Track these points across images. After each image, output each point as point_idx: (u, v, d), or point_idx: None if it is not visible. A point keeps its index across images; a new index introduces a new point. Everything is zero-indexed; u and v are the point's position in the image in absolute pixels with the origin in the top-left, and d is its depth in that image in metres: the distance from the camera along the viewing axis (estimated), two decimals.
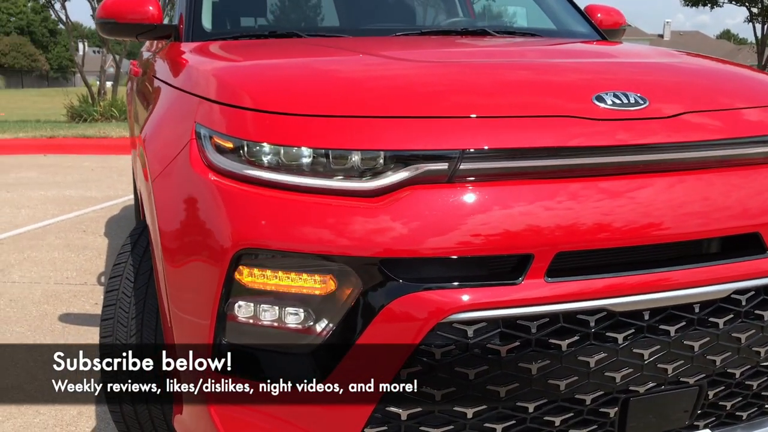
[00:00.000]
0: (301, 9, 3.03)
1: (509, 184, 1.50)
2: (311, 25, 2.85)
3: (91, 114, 14.27)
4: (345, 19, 2.93)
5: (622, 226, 1.50)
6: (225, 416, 1.58)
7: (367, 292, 1.45)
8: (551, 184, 1.51)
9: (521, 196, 1.49)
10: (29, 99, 32.69)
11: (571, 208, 1.49)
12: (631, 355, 1.54)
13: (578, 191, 1.51)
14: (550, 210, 1.48)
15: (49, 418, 2.51)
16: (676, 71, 1.95)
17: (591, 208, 1.50)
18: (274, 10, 2.91)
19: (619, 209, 1.51)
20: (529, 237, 1.46)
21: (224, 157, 1.59)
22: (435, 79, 1.69)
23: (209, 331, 1.55)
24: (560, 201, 1.50)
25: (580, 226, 1.48)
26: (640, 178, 1.56)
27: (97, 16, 2.60)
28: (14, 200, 6.58)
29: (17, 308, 3.66)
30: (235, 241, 1.50)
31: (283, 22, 2.84)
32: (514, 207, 1.48)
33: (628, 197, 1.53)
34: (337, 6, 2.91)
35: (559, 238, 1.47)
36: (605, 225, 1.49)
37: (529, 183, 1.51)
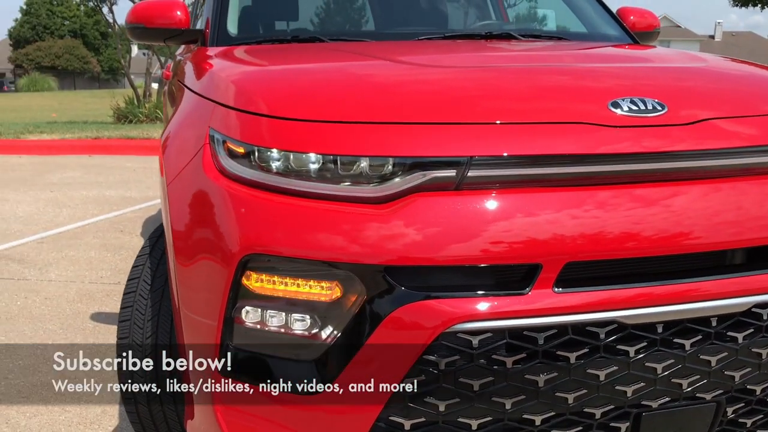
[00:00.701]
0: (326, 13, 3.03)
1: (518, 192, 1.47)
2: (334, 30, 2.85)
3: (136, 115, 14.55)
4: (372, 22, 2.92)
5: (634, 235, 1.46)
6: (230, 420, 1.58)
7: (371, 299, 1.44)
8: (561, 193, 1.48)
9: (531, 204, 1.46)
10: (80, 100, 33.51)
11: (581, 217, 1.45)
12: (643, 368, 1.49)
13: (590, 200, 1.48)
14: (560, 219, 1.45)
15: (74, 416, 2.55)
16: (699, 76, 1.90)
17: (602, 218, 1.46)
18: (299, 14, 2.92)
19: (631, 219, 1.46)
20: (537, 246, 1.43)
21: (236, 162, 1.60)
22: (445, 85, 1.67)
23: (216, 334, 1.56)
24: (570, 210, 1.46)
25: (591, 236, 1.44)
26: (655, 186, 1.52)
27: (127, 21, 2.64)
28: (57, 199, 6.75)
29: (52, 306, 3.74)
30: (242, 246, 1.50)
31: (307, 27, 2.84)
32: (523, 215, 1.45)
33: (641, 206, 1.48)
34: (365, 10, 2.90)
35: (568, 247, 1.44)
36: (617, 235, 1.45)
37: (538, 191, 1.48)
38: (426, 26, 2.93)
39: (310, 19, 2.93)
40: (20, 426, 2.48)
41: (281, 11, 2.91)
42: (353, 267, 1.44)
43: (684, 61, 2.09)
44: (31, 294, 3.94)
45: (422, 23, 2.98)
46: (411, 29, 2.74)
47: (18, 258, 4.68)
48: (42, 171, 8.66)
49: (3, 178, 8.15)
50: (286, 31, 2.80)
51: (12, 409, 2.60)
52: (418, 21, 3.00)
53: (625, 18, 3.05)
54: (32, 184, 7.63)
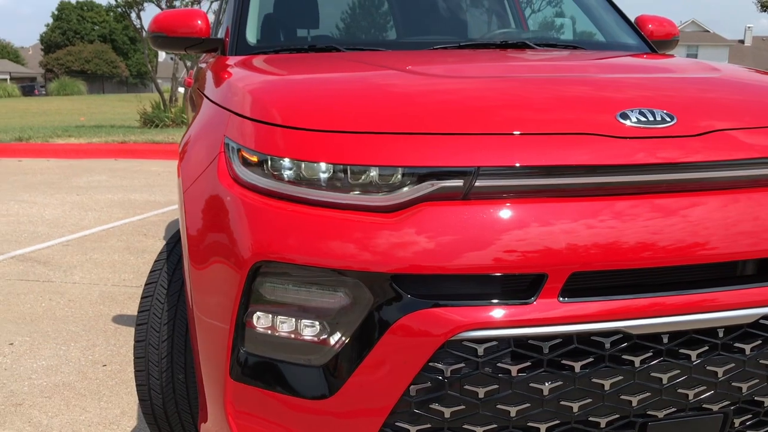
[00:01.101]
0: (343, 23, 3.07)
1: (525, 202, 1.49)
2: (350, 39, 2.88)
3: (162, 120, 14.75)
4: (389, 31, 2.95)
5: (640, 246, 1.47)
6: (241, 423, 1.61)
7: (378, 306, 1.47)
8: (567, 203, 1.49)
9: (537, 214, 1.48)
10: (109, 104, 34.00)
11: (587, 228, 1.47)
12: (648, 378, 1.50)
13: (595, 211, 1.49)
14: (566, 229, 1.46)
15: (94, 416, 2.61)
16: (711, 87, 1.89)
17: (608, 229, 1.47)
18: (317, 24, 2.96)
19: (637, 230, 1.47)
20: (543, 256, 1.45)
21: (249, 171, 1.64)
22: (454, 95, 1.69)
23: (228, 338, 1.59)
24: (576, 220, 1.47)
25: (596, 247, 1.45)
26: (662, 198, 1.53)
27: (149, 29, 2.70)
28: (83, 203, 6.87)
29: (75, 308, 3.82)
30: (254, 253, 1.54)
31: (324, 36, 2.88)
32: (529, 225, 1.47)
33: (647, 218, 1.49)
34: (382, 19, 2.94)
35: (574, 258, 1.45)
36: (622, 245, 1.46)
37: (545, 202, 1.49)
38: (444, 35, 2.95)
39: (327, 29, 2.97)
40: (42, 425, 2.54)
41: (299, 21, 2.95)
42: (361, 275, 1.47)
43: (697, 71, 2.09)
44: (56, 296, 4.02)
45: (440, 32, 3.00)
46: (427, 38, 2.76)
47: (44, 260, 4.78)
48: (69, 174, 8.82)
49: (31, 181, 8.31)
50: (303, 40, 2.84)
51: (35, 409, 2.66)
52: (435, 30, 3.02)
53: (644, 26, 3.05)
54: (59, 188, 7.77)
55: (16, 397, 2.77)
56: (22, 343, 3.32)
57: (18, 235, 5.53)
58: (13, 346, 3.30)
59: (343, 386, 1.50)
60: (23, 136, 12.13)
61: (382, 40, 2.88)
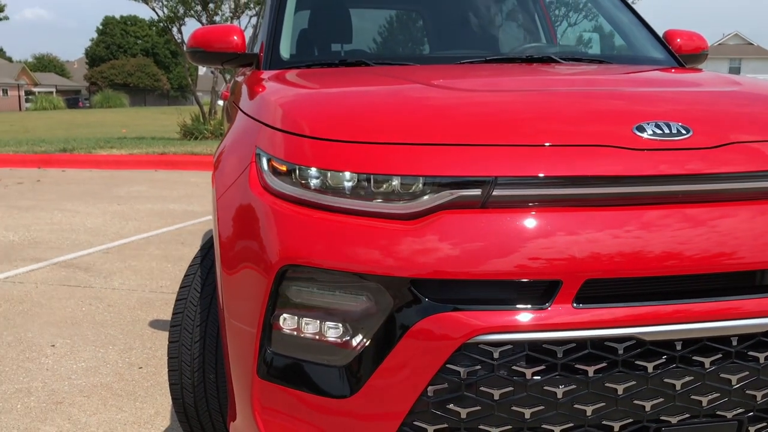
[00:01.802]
0: (372, 38, 3.16)
1: (541, 211, 1.54)
2: (379, 54, 2.96)
3: (201, 132, 15.03)
4: (419, 45, 3.03)
5: (653, 255, 1.51)
6: (267, 420, 1.69)
7: (399, 310, 1.53)
8: (582, 212, 1.54)
9: (552, 223, 1.53)
10: (150, 116, 34.74)
11: (601, 236, 1.51)
12: (662, 384, 1.54)
13: (609, 220, 1.53)
14: (580, 237, 1.51)
15: (130, 415, 2.71)
16: (729, 100, 1.93)
17: (620, 238, 1.51)
18: (348, 39, 3.05)
19: (649, 239, 1.51)
20: (557, 263, 1.50)
21: (279, 179, 1.72)
22: (474, 108, 1.75)
23: (255, 339, 1.67)
24: (590, 229, 1.52)
25: (610, 255, 1.50)
26: (675, 208, 1.57)
27: (188, 45, 2.82)
28: (124, 212, 7.06)
29: (113, 313, 3.95)
30: (281, 257, 1.62)
31: (354, 51, 2.97)
32: (545, 234, 1.52)
33: (659, 228, 1.53)
34: (410, 34, 3.01)
35: (587, 265, 1.49)
36: (635, 254, 1.50)
37: (560, 210, 1.54)
38: (473, 49, 3.01)
39: (357, 44, 3.06)
40: (81, 422, 2.65)
41: (331, 36, 3.04)
42: (382, 279, 1.53)
43: (717, 85, 2.12)
44: (96, 301, 4.16)
45: (469, 46, 3.06)
46: (454, 53, 2.83)
47: (85, 267, 4.95)
48: (111, 185, 9.07)
49: (75, 191, 8.57)
50: (333, 55, 2.93)
51: (74, 407, 2.78)
52: (465, 44, 3.09)
53: (672, 41, 3.07)
54: (101, 198, 8.00)
55: (57, 395, 2.89)
56: (63, 345, 3.45)
57: (61, 242, 5.72)
58: (55, 347, 3.43)
59: (364, 386, 1.56)
60: (67, 147, 12.50)
61: (409, 54, 2.96)
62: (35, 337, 3.56)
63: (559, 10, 3.77)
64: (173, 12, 15.01)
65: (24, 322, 3.79)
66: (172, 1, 14.81)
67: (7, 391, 2.93)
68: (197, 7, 14.88)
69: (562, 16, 3.69)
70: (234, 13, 15.46)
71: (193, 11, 14.99)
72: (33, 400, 2.84)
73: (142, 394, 2.89)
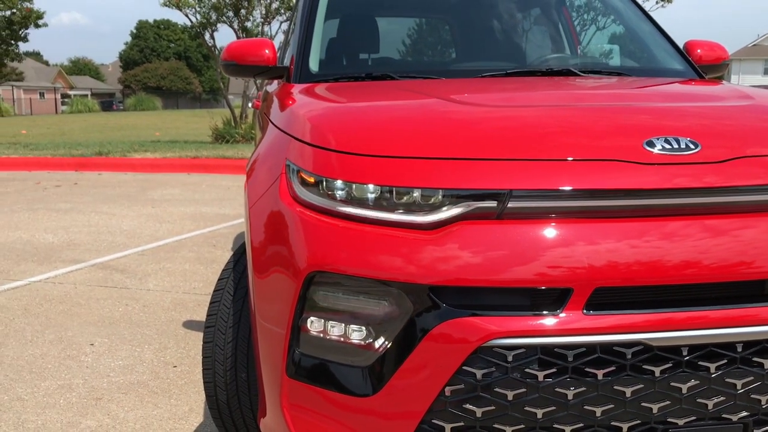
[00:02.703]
0: (397, 52, 3.26)
1: (553, 222, 1.63)
2: (404, 68, 3.06)
3: (233, 136, 15.28)
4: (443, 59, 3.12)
5: (660, 265, 1.59)
6: (295, 416, 1.80)
7: (419, 314, 1.63)
8: (593, 224, 1.63)
9: (564, 234, 1.62)
10: (182, 119, 35.28)
11: (610, 246, 1.60)
12: (668, 388, 1.61)
13: (618, 231, 1.62)
14: (591, 248, 1.60)
15: (165, 411, 2.84)
16: (739, 115, 1.99)
17: (629, 248, 1.59)
18: (375, 53, 3.16)
19: (657, 250, 1.59)
20: (569, 272, 1.58)
21: (307, 190, 1.83)
22: (490, 123, 1.85)
23: (285, 340, 1.78)
24: (601, 239, 1.61)
25: (619, 264, 1.58)
26: (683, 220, 1.64)
27: (222, 58, 2.95)
28: (158, 215, 7.26)
29: (148, 313, 4.11)
30: (309, 264, 1.73)
31: (381, 65, 3.07)
32: (557, 244, 1.61)
33: (667, 239, 1.61)
34: (434, 48, 3.11)
35: (598, 274, 1.58)
36: (643, 264, 1.58)
37: (572, 222, 1.63)
38: (495, 59, 3.10)
39: (384, 54, 3.17)
40: (119, 418, 2.79)
41: (359, 47, 3.16)
42: (403, 286, 1.63)
43: (729, 99, 2.19)
44: (131, 301, 4.33)
45: (491, 57, 3.15)
46: (476, 65, 2.93)
47: (121, 268, 5.12)
48: (145, 188, 9.30)
49: (110, 194, 8.81)
50: (360, 68, 3.03)
51: (113, 403, 2.92)
52: (486, 55, 3.18)
53: (692, 51, 3.13)
54: (136, 200, 8.22)
55: (96, 392, 3.04)
56: (102, 344, 3.61)
57: (98, 244, 5.91)
58: (94, 346, 3.59)
59: (386, 385, 1.66)
60: (103, 151, 12.81)
61: (433, 67, 3.05)
62: (75, 336, 3.73)
63: (580, 20, 3.83)
64: (205, 18, 15.29)
65: (64, 321, 3.96)
66: (204, 8, 15.10)
67: (50, 387, 3.09)
68: (229, 13, 15.14)
69: (583, 27, 3.76)
70: (265, 19, 15.71)
71: (225, 17, 15.26)
72: (74, 396, 2.99)
73: (176, 392, 3.03)
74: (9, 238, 6.18)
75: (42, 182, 10.03)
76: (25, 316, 4.06)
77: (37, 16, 15.42)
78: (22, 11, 15.29)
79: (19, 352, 3.50)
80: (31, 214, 7.35)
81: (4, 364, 3.36)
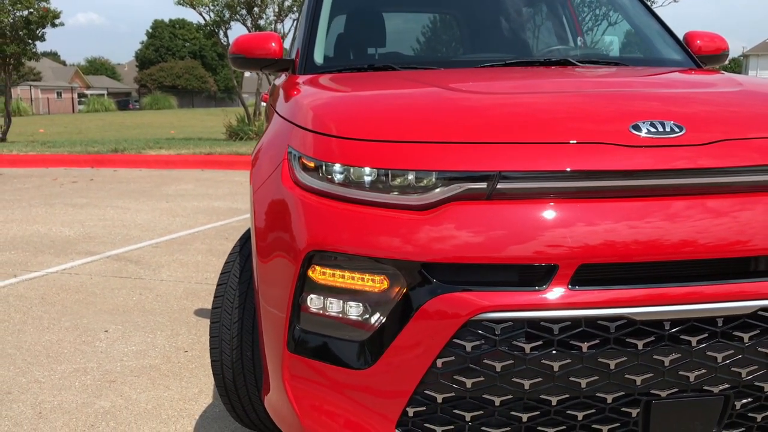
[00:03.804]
0: (399, 43, 3.34)
1: (541, 202, 1.71)
2: (405, 58, 3.14)
3: (246, 133, 15.41)
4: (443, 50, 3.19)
5: (642, 242, 1.65)
6: (296, 387, 1.88)
7: (412, 290, 1.71)
8: (578, 204, 1.70)
9: (550, 213, 1.69)
10: (197, 118, 35.52)
11: (594, 225, 1.67)
12: (651, 360, 1.68)
13: (602, 211, 1.68)
14: (576, 226, 1.67)
15: (175, 393, 2.95)
16: (723, 100, 2.06)
17: (612, 226, 1.66)
18: (376, 45, 3.24)
19: (638, 228, 1.66)
20: (555, 249, 1.66)
21: (307, 175, 1.91)
22: (480, 109, 1.92)
23: (286, 318, 1.87)
24: (586, 219, 1.68)
25: (603, 242, 1.65)
26: (667, 200, 1.71)
27: (230, 51, 3.04)
28: (172, 209, 7.38)
29: (161, 302, 4.22)
30: (308, 243, 1.81)
31: (382, 56, 3.16)
32: (544, 223, 1.68)
33: (651, 217, 1.68)
34: (434, 39, 3.18)
35: (582, 251, 1.65)
36: (625, 241, 1.65)
37: (558, 202, 1.70)
38: (496, 52, 3.17)
39: (387, 47, 3.24)
40: (132, 399, 2.89)
41: (361, 44, 3.24)
42: (397, 263, 1.71)
43: (718, 86, 2.25)
44: (145, 291, 4.44)
45: (492, 49, 3.22)
46: (476, 56, 3.00)
47: (135, 260, 5.24)
48: (159, 183, 9.44)
49: (126, 189, 8.95)
50: (362, 60, 3.11)
51: (126, 385, 3.03)
52: (487, 47, 3.25)
53: (692, 42, 3.18)
54: (150, 195, 8.36)
55: (110, 375, 3.14)
56: (116, 331, 3.72)
57: (113, 237, 6.04)
58: (108, 333, 3.70)
59: (381, 358, 1.74)
60: (119, 148, 12.99)
61: (433, 58, 3.13)
62: (90, 323, 3.84)
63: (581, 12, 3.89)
64: (219, 16, 15.44)
65: (80, 310, 4.08)
66: (218, 6, 15.24)
67: (66, 370, 3.20)
68: (242, 12, 15.27)
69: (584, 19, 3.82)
70: (278, 17, 15.83)
71: (239, 15, 15.40)
72: (89, 379, 3.10)
73: (187, 375, 3.13)
74: (27, 232, 6.33)
75: (59, 178, 10.21)
76: (43, 305, 4.19)
77: (53, 15, 15.61)
78: (39, 11, 15.50)
79: (37, 338, 3.62)
80: (49, 209, 7.51)
81: (22, 349, 3.48)
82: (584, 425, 1.73)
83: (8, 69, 16.59)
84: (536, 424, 1.72)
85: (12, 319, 3.95)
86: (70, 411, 2.79)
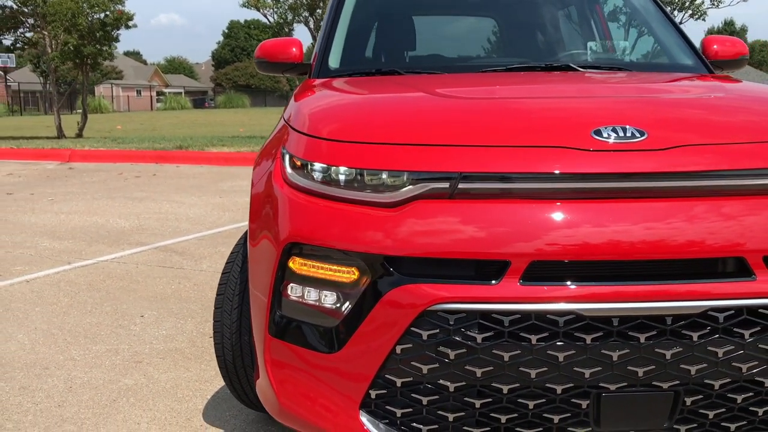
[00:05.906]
0: (408, 49, 3.46)
1: (499, 202, 1.81)
2: (410, 64, 3.27)
3: None
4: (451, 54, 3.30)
5: (593, 243, 1.74)
6: (276, 371, 2.04)
7: (376, 281, 1.84)
8: (534, 204, 1.79)
9: (506, 213, 1.79)
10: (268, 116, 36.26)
11: (545, 225, 1.76)
12: (600, 355, 1.76)
13: (556, 211, 1.78)
14: (528, 226, 1.77)
15: (194, 374, 3.16)
16: (690, 107, 2.10)
17: (563, 226, 1.75)
18: (389, 50, 3.37)
19: (589, 228, 1.75)
20: (507, 246, 1.76)
21: (295, 173, 2.07)
22: (448, 113, 2.04)
23: (267, 304, 2.03)
24: (539, 218, 1.77)
25: (554, 241, 1.75)
26: (621, 202, 1.79)
27: (255, 56, 3.23)
28: (223, 204, 7.69)
29: (198, 291, 4.46)
30: (287, 236, 1.97)
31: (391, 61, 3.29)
32: (499, 221, 1.78)
33: (604, 218, 1.76)
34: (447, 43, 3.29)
35: (533, 249, 1.75)
36: (575, 241, 1.74)
37: (515, 202, 1.80)
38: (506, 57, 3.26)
39: (396, 55, 3.37)
40: (154, 378, 3.12)
41: (374, 49, 3.38)
42: (364, 256, 1.85)
43: (700, 92, 2.29)
44: (184, 280, 4.70)
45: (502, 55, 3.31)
46: (479, 62, 3.10)
47: (180, 251, 5.53)
48: (216, 179, 9.81)
49: (184, 184, 9.34)
50: (372, 65, 3.25)
51: (150, 366, 3.25)
52: (496, 53, 3.34)
53: (708, 47, 3.19)
54: (206, 191, 8.71)
55: (138, 356, 3.38)
56: (150, 317, 3.97)
57: (164, 229, 6.36)
58: (143, 318, 3.95)
59: (347, 343, 1.88)
60: (183, 145, 13.50)
61: (437, 64, 3.23)
62: (129, 309, 4.11)
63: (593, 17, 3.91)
64: (282, 18, 15.84)
65: (121, 296, 4.36)
66: (281, 8, 15.65)
67: (99, 350, 3.46)
68: (305, 13, 15.64)
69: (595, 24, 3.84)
70: None
71: (301, 17, 15.77)
72: (119, 359, 3.35)
73: (207, 359, 3.34)
74: (86, 223, 6.72)
75: (124, 173, 10.73)
76: (89, 290, 4.49)
77: (127, 17, 16.35)
78: (114, 13, 16.26)
79: (79, 320, 3.91)
80: (109, 202, 7.93)
81: (64, 329, 3.76)
82: (536, 414, 1.82)
83: (86, 69, 17.45)
84: (489, 410, 1.83)
85: (60, 302, 4.26)
86: (96, 387, 3.03)
